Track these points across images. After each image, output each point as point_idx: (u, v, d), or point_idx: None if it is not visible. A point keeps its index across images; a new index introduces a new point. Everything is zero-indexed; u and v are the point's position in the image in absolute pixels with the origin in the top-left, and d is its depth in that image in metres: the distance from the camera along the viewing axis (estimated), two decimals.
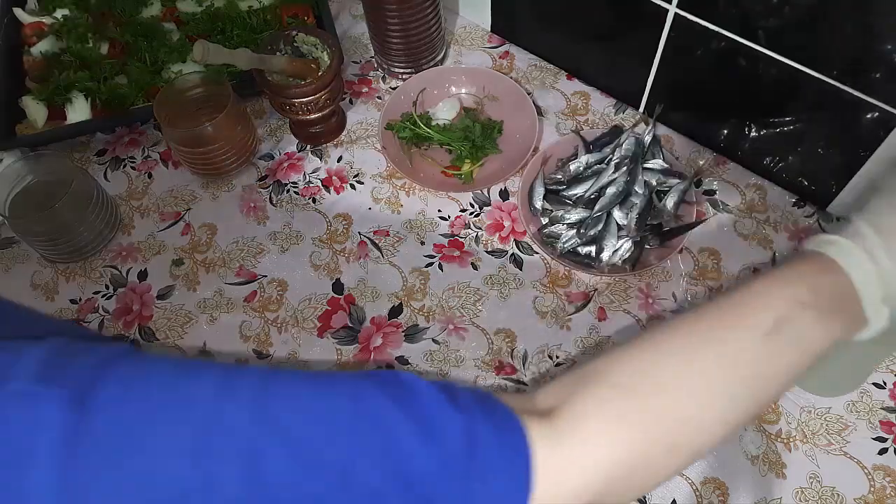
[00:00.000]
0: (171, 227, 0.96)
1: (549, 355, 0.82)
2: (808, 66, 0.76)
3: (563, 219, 0.88)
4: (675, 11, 0.83)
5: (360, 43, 1.13)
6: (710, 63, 0.85)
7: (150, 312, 0.89)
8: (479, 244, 0.91)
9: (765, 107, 0.85)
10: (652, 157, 0.91)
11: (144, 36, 1.09)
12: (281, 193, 0.97)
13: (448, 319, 0.85)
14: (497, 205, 0.94)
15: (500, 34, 1.11)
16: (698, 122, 0.95)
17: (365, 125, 1.03)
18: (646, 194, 0.87)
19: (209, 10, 1.12)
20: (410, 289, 0.88)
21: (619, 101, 1.02)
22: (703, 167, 0.93)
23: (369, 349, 0.84)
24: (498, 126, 0.99)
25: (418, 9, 0.96)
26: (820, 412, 0.77)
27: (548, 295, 0.86)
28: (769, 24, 0.76)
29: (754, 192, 0.92)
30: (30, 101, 1.02)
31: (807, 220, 0.89)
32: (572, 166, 0.91)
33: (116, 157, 1.03)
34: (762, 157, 0.91)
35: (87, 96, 1.03)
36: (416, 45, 1.01)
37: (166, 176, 1.01)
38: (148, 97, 1.03)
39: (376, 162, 0.99)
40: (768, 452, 0.75)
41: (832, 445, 0.75)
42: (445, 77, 1.04)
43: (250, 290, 0.89)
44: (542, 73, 1.06)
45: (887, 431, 0.75)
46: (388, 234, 0.93)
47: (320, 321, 0.86)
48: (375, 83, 1.08)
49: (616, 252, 0.85)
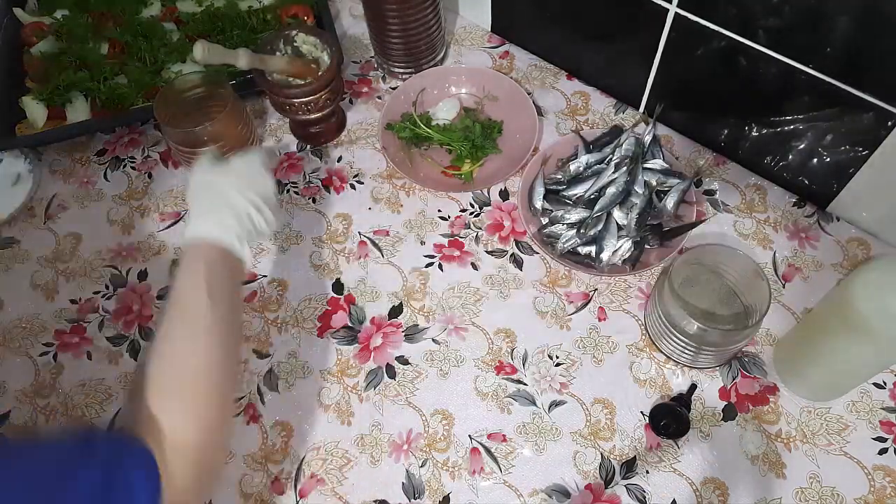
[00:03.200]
0: (171, 227, 0.96)
1: (549, 355, 0.82)
2: (809, 66, 0.76)
3: (563, 219, 0.88)
4: (676, 11, 0.83)
5: (360, 43, 1.13)
6: (711, 63, 0.85)
7: (150, 312, 0.89)
8: (479, 244, 0.91)
9: (765, 107, 0.85)
10: (652, 157, 0.91)
11: (144, 36, 1.09)
12: (281, 193, 0.97)
13: (448, 319, 0.85)
14: (497, 205, 0.94)
15: (500, 34, 1.11)
16: (698, 122, 0.95)
17: (365, 125, 1.03)
18: (646, 194, 0.87)
19: (209, 10, 1.12)
20: (410, 289, 0.88)
21: (619, 101, 1.02)
22: (703, 167, 0.93)
23: (369, 349, 0.84)
24: (498, 126, 0.99)
25: (418, 9, 0.96)
26: (820, 412, 0.77)
27: (548, 295, 0.86)
28: (769, 23, 0.76)
29: (754, 192, 0.92)
30: (30, 101, 1.02)
31: (807, 219, 0.89)
32: (572, 166, 0.91)
33: (116, 157, 1.03)
34: (762, 157, 0.91)
35: (87, 96, 1.03)
36: (416, 45, 1.01)
37: (166, 176, 1.01)
38: (148, 97, 1.03)
39: (376, 162, 0.99)
40: (768, 452, 0.75)
41: (832, 445, 0.75)
42: (445, 77, 1.04)
43: (250, 291, 0.89)
44: (542, 73, 1.06)
45: (887, 431, 0.75)
46: (388, 234, 0.93)
47: (320, 321, 0.87)
48: (375, 83, 1.08)
49: (616, 252, 0.85)
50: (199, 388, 0.59)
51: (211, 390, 0.60)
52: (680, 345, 0.76)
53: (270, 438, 0.79)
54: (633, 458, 0.76)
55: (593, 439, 0.77)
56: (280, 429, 0.80)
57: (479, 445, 0.77)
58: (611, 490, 0.74)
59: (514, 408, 0.79)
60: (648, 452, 0.76)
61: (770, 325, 0.82)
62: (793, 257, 0.86)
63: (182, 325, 0.62)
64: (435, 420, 0.79)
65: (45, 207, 0.99)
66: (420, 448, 0.78)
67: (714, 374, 0.79)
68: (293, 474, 0.77)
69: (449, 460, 0.77)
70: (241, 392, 0.82)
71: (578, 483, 0.75)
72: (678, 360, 0.80)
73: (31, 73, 1.07)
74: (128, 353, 0.86)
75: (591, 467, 0.75)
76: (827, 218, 0.89)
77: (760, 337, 0.81)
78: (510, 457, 0.77)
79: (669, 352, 0.79)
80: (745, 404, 0.77)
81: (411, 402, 0.80)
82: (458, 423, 0.79)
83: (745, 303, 0.78)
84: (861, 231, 0.87)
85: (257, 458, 0.78)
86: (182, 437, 0.55)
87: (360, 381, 0.82)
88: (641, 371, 0.80)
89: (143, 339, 0.87)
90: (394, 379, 0.82)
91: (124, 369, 0.85)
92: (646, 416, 0.78)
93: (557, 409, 0.79)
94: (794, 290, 0.84)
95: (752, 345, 0.81)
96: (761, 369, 0.80)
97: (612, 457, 0.76)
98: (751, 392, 0.78)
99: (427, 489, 0.75)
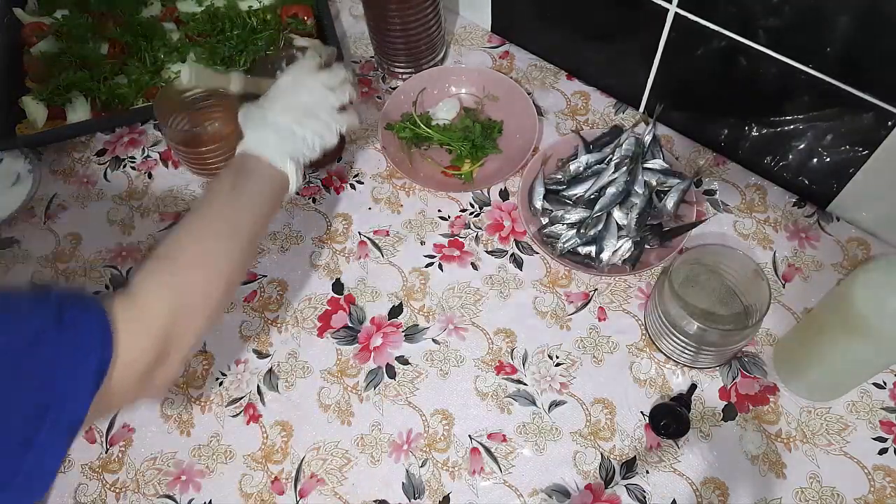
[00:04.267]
0: (171, 227, 0.96)
1: (549, 355, 0.82)
2: (809, 66, 0.76)
3: (563, 219, 0.88)
4: (676, 11, 0.83)
5: (360, 43, 1.13)
6: (711, 63, 0.85)
7: None
8: (479, 244, 0.91)
9: (765, 107, 0.85)
10: (652, 157, 0.91)
11: (144, 36, 1.09)
12: None
13: (448, 319, 0.85)
14: (497, 205, 0.94)
15: (500, 34, 1.11)
16: (698, 122, 0.95)
17: (365, 125, 1.03)
18: (646, 194, 0.87)
19: (209, 10, 1.12)
20: (410, 289, 0.88)
21: (619, 101, 1.02)
22: (703, 167, 0.93)
23: (369, 349, 0.84)
24: (498, 126, 0.99)
25: (418, 9, 0.96)
26: (820, 412, 0.76)
27: (548, 295, 0.86)
28: (769, 23, 0.76)
29: (754, 192, 0.92)
30: (30, 101, 1.02)
31: (807, 219, 0.89)
32: (572, 166, 0.91)
33: (116, 157, 1.03)
34: (762, 157, 0.91)
35: (87, 96, 1.03)
36: (416, 45, 1.01)
37: (166, 176, 1.01)
38: (148, 97, 1.03)
39: (376, 162, 0.99)
40: (768, 452, 0.75)
41: (832, 445, 0.75)
42: (445, 77, 1.04)
43: (250, 290, 0.89)
44: (542, 73, 1.06)
45: (887, 431, 0.75)
46: (388, 234, 0.93)
47: (320, 321, 0.87)
48: (375, 83, 1.08)
49: (616, 252, 0.85)
50: (188, 266, 0.61)
51: (200, 275, 0.62)
52: (680, 345, 0.76)
53: (270, 438, 0.79)
54: (633, 458, 0.76)
55: (593, 439, 0.77)
56: (280, 429, 0.80)
57: (479, 445, 0.77)
58: (611, 490, 0.74)
59: (514, 408, 0.79)
60: (648, 452, 0.76)
61: (770, 325, 0.82)
62: (793, 257, 0.86)
63: (198, 210, 0.67)
64: (435, 420, 0.79)
65: (45, 207, 0.99)
66: (420, 448, 0.78)
67: (714, 374, 0.79)
68: (293, 474, 0.77)
69: (449, 460, 0.77)
70: (241, 392, 0.82)
71: (578, 483, 0.75)
72: (678, 360, 0.80)
73: (31, 73, 1.07)
74: None
75: (591, 467, 0.75)
76: (827, 218, 0.89)
77: (760, 337, 0.81)
78: (510, 457, 0.77)
79: (669, 352, 0.79)
80: (745, 404, 0.77)
81: (411, 402, 0.80)
82: (458, 423, 0.79)
83: (745, 303, 0.78)
84: (861, 231, 0.87)
85: (257, 458, 0.78)
86: (150, 306, 0.57)
87: (360, 381, 0.82)
88: (641, 371, 0.80)
89: None
90: (394, 379, 0.82)
91: None
92: (646, 416, 0.78)
93: (557, 409, 0.79)
94: (794, 290, 0.84)
95: (752, 345, 0.81)
96: (761, 369, 0.80)
97: (612, 457, 0.76)
98: (751, 392, 0.78)
99: (427, 489, 0.75)
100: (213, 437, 0.80)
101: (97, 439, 0.81)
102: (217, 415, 0.81)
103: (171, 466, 0.79)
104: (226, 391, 0.83)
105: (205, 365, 0.84)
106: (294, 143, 0.72)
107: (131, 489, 0.78)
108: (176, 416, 0.81)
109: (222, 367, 0.84)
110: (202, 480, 0.78)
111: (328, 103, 0.76)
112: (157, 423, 0.81)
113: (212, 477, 0.78)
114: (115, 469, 0.79)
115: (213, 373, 0.84)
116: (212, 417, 0.81)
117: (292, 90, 0.75)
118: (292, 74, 0.77)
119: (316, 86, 0.76)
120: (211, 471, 0.78)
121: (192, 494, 0.77)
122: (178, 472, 0.78)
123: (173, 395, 0.83)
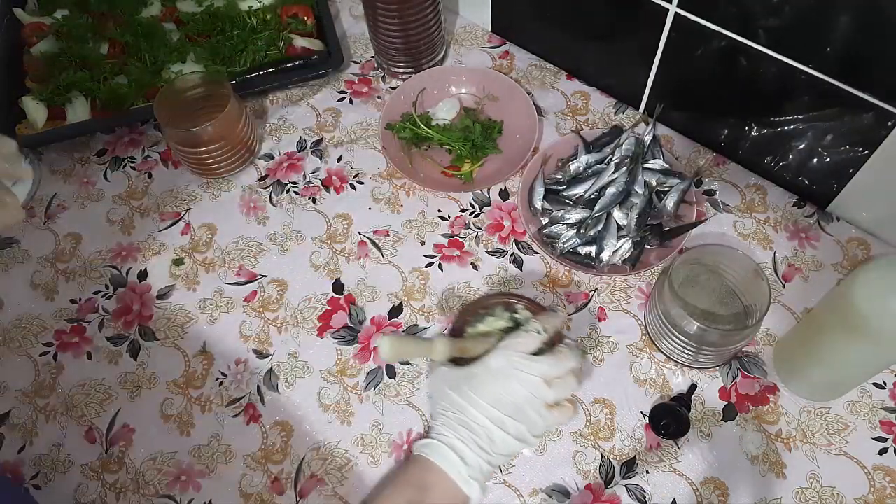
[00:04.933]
0: (171, 227, 0.96)
1: None
2: (809, 66, 0.76)
3: (563, 219, 0.88)
4: (676, 11, 0.83)
5: (360, 43, 1.13)
6: (711, 63, 0.85)
7: (150, 312, 0.89)
8: (479, 244, 0.91)
9: (765, 106, 0.85)
10: (652, 157, 0.91)
11: (144, 36, 1.09)
12: (281, 193, 0.97)
13: (448, 319, 0.85)
14: (497, 205, 0.94)
15: (500, 34, 1.11)
16: (698, 122, 0.95)
17: (365, 125, 1.03)
18: (646, 194, 0.87)
19: (209, 10, 1.12)
20: (410, 289, 0.88)
21: (619, 101, 1.02)
22: (703, 167, 0.93)
23: (369, 349, 0.84)
24: (498, 126, 0.99)
25: (418, 9, 0.96)
26: (820, 412, 0.76)
27: (548, 295, 0.86)
28: (769, 23, 0.76)
29: (754, 192, 0.92)
30: (30, 101, 1.02)
31: (807, 219, 0.89)
32: (572, 166, 0.91)
33: (116, 157, 1.03)
34: (762, 157, 0.91)
35: (87, 96, 1.03)
36: (416, 45, 1.01)
37: (166, 176, 1.01)
38: (148, 97, 1.03)
39: (376, 162, 0.99)
40: (768, 452, 0.75)
41: (832, 445, 0.75)
42: (445, 77, 1.04)
43: (250, 290, 0.89)
44: (542, 73, 1.06)
45: (887, 431, 0.75)
46: (388, 234, 0.93)
47: (320, 321, 0.87)
48: (375, 83, 1.08)
49: (616, 252, 0.85)
50: None
51: None
52: (680, 345, 0.76)
53: (270, 438, 0.79)
54: (633, 458, 0.76)
55: (593, 439, 0.77)
56: (280, 429, 0.80)
57: None
58: (611, 490, 0.74)
59: None
60: (648, 452, 0.76)
61: (770, 325, 0.82)
62: (793, 257, 0.86)
63: None
64: None
65: (45, 207, 0.99)
66: None
67: (714, 374, 0.79)
68: (293, 474, 0.77)
69: None
70: (241, 392, 0.82)
71: (578, 483, 0.75)
72: (678, 360, 0.80)
73: (31, 73, 1.07)
74: (128, 353, 0.86)
75: (591, 467, 0.75)
76: (827, 218, 0.89)
77: (760, 337, 0.81)
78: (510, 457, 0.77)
79: (669, 352, 0.79)
80: (745, 404, 0.77)
81: (411, 402, 0.80)
82: None
83: (745, 303, 0.78)
84: (861, 231, 0.87)
85: (257, 458, 0.78)
86: None
87: (360, 381, 0.82)
88: (641, 371, 0.80)
89: (143, 339, 0.87)
90: (394, 379, 0.82)
91: (124, 369, 0.85)
92: (646, 416, 0.78)
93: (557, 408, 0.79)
94: (794, 290, 0.84)
95: (752, 345, 0.81)
96: (761, 369, 0.80)
97: (612, 457, 0.76)
98: (751, 392, 0.78)
99: None
100: (213, 437, 0.80)
101: (97, 439, 0.81)
102: (217, 415, 0.81)
103: (171, 467, 0.79)
104: (226, 391, 0.83)
105: (205, 365, 0.84)
106: (489, 458, 0.61)
107: (131, 489, 0.77)
108: (176, 417, 0.81)
109: (222, 367, 0.84)
110: (202, 480, 0.78)
111: (541, 399, 0.62)
112: (157, 423, 0.81)
113: (212, 477, 0.78)
114: (115, 469, 0.79)
115: (212, 373, 0.84)
116: (212, 417, 0.81)
117: (503, 379, 0.62)
118: (506, 356, 0.63)
119: (532, 376, 0.62)
120: (211, 471, 0.78)
121: (191, 494, 0.77)
122: (177, 472, 0.78)
123: (173, 395, 0.83)
